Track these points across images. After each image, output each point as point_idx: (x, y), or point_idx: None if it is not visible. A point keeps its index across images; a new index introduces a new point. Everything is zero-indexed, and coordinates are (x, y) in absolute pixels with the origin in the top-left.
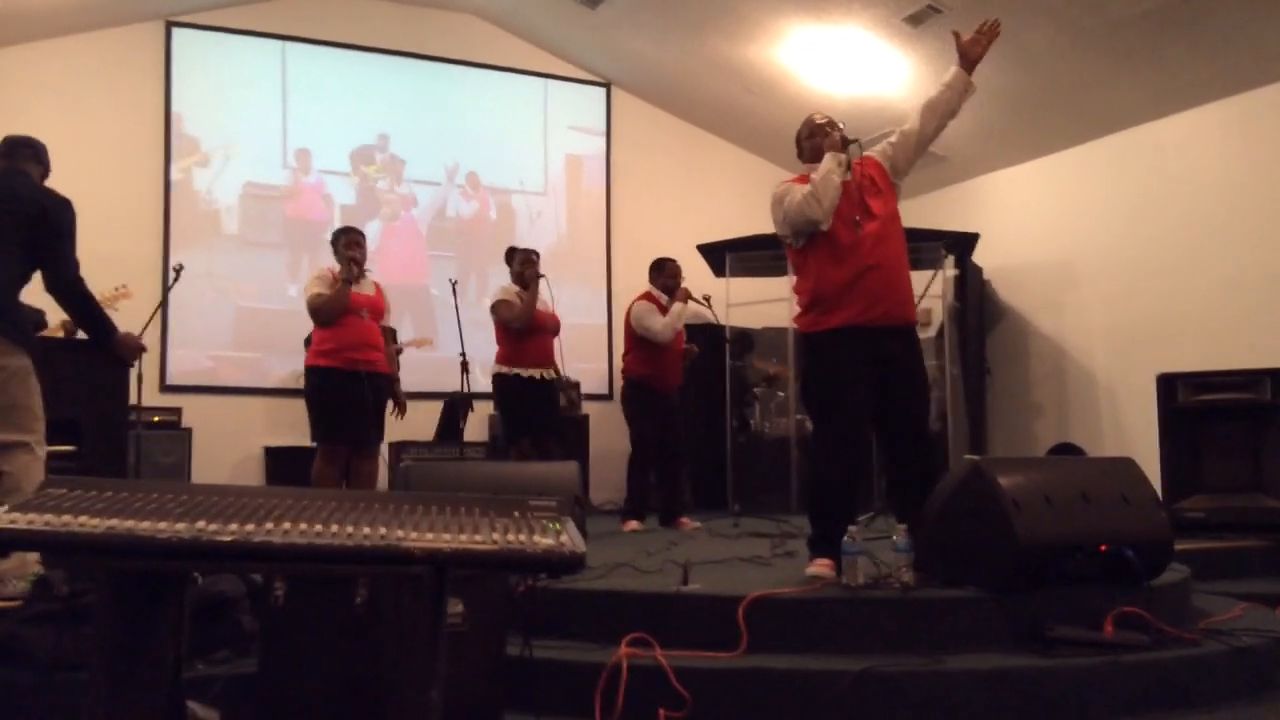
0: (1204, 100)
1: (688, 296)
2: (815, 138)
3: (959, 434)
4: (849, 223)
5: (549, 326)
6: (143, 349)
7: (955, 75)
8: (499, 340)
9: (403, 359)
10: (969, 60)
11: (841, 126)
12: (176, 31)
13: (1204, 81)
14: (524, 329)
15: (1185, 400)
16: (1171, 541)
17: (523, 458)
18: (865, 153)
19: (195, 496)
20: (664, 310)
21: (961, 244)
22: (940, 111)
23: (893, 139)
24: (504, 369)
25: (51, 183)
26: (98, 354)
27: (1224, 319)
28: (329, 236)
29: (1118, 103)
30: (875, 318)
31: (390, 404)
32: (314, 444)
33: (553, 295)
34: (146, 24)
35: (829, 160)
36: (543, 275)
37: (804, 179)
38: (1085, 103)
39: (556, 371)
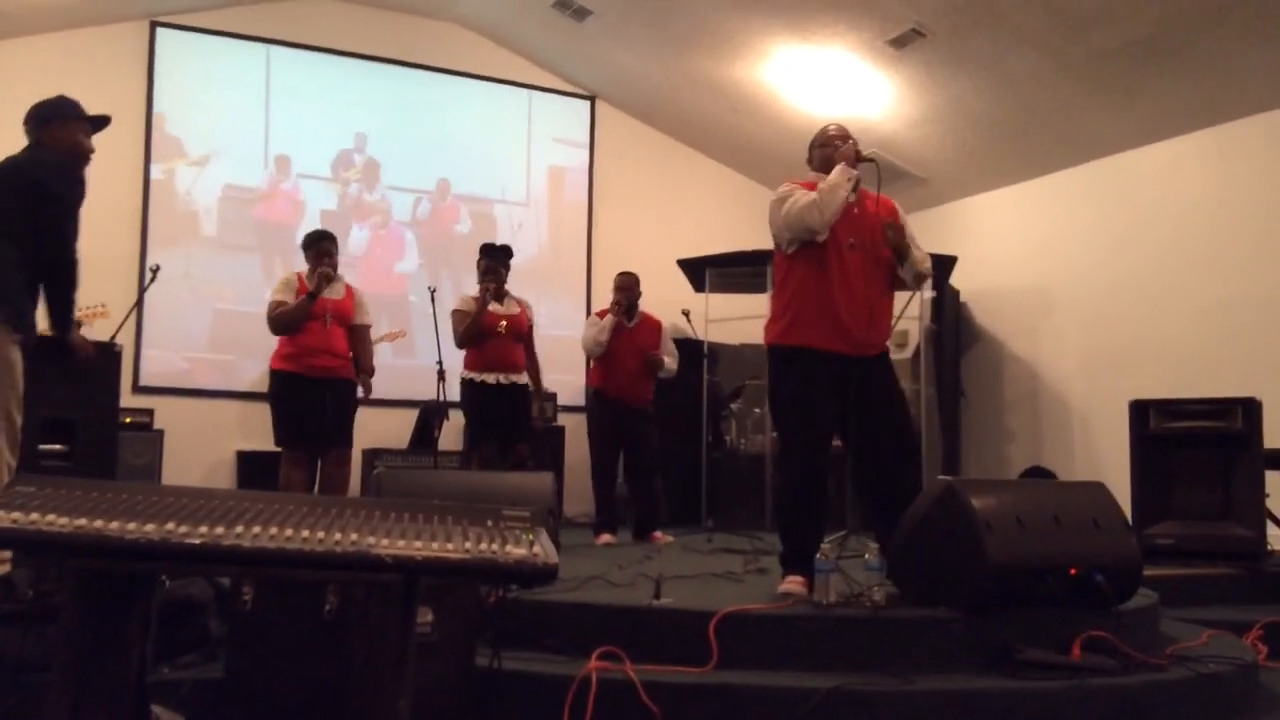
0: (1183, 131)
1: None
2: (826, 147)
3: (932, 455)
4: (842, 245)
5: (505, 329)
6: (93, 358)
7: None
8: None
9: (378, 366)
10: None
11: (859, 146)
12: (161, 32)
13: (1183, 112)
14: (474, 339)
15: (1157, 427)
16: (1141, 567)
17: (485, 464)
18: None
19: (165, 498)
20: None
21: (939, 267)
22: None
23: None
24: (465, 374)
25: None
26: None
27: (1198, 347)
28: (299, 240)
29: (1098, 131)
30: (841, 348)
31: (355, 403)
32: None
33: (516, 301)
34: (131, 23)
35: (839, 173)
36: (489, 289)
37: (809, 185)
38: (1066, 130)
39: (534, 379)
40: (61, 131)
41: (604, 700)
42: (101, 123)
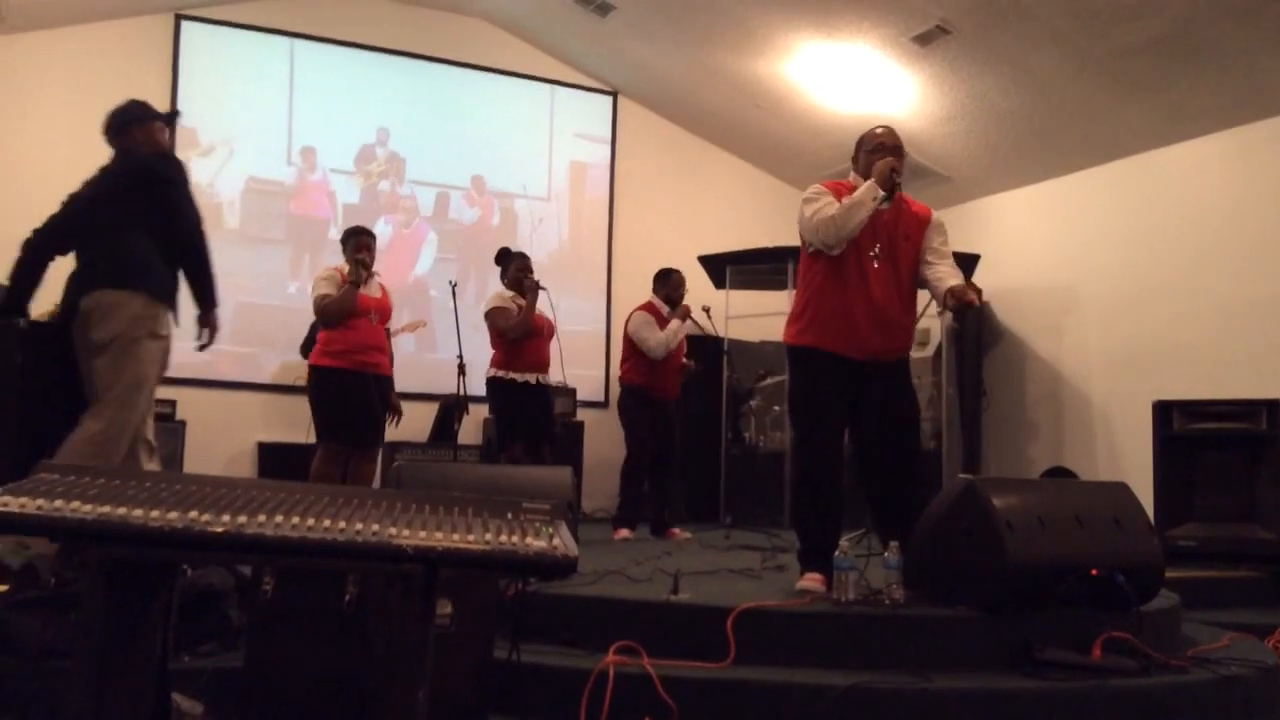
0: (1207, 130)
1: (687, 314)
2: (874, 153)
3: (953, 454)
4: (865, 254)
5: (544, 331)
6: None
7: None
8: (494, 345)
9: (398, 361)
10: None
11: (899, 165)
12: (186, 25)
13: (1208, 111)
14: (521, 336)
15: (1181, 428)
16: (1163, 568)
17: (514, 463)
18: (935, 216)
19: (188, 486)
20: (663, 322)
21: (962, 265)
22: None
23: (941, 246)
24: (500, 373)
25: (56, 171)
26: None
27: (1222, 348)
28: (335, 235)
29: (1122, 130)
30: (849, 353)
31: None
32: (313, 442)
33: (552, 302)
34: (156, 16)
35: (864, 191)
36: (543, 289)
37: (842, 186)
38: (1089, 128)
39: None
40: (141, 133)
41: (621, 694)
42: (174, 118)
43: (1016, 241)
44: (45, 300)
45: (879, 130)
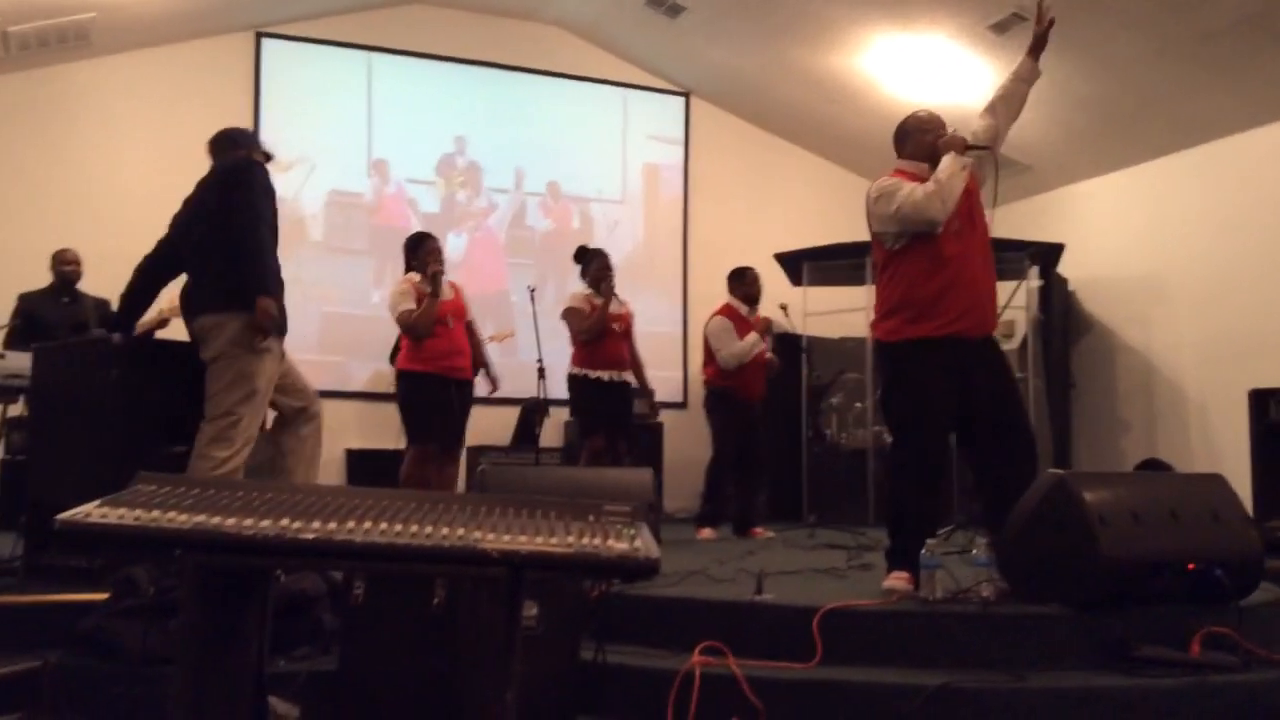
0: None
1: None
2: (926, 134)
3: (1042, 448)
4: (951, 230)
5: (618, 329)
6: (275, 321)
7: (1028, 66)
8: (573, 343)
9: None
10: (1039, 48)
11: (954, 130)
12: (266, 42)
13: None
14: (596, 335)
15: (1278, 416)
16: (1262, 560)
17: (594, 457)
18: None
19: (280, 495)
20: (742, 325)
21: (1046, 255)
22: (1016, 106)
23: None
24: (577, 371)
25: (142, 187)
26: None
27: None
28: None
29: (1207, 113)
30: (960, 329)
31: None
32: (400, 448)
33: (620, 299)
34: (237, 34)
35: (952, 161)
36: (610, 285)
37: (909, 175)
38: (1174, 113)
39: (639, 375)
40: (235, 153)
41: (707, 695)
42: (268, 159)
43: (1102, 230)
44: None
45: (922, 113)
